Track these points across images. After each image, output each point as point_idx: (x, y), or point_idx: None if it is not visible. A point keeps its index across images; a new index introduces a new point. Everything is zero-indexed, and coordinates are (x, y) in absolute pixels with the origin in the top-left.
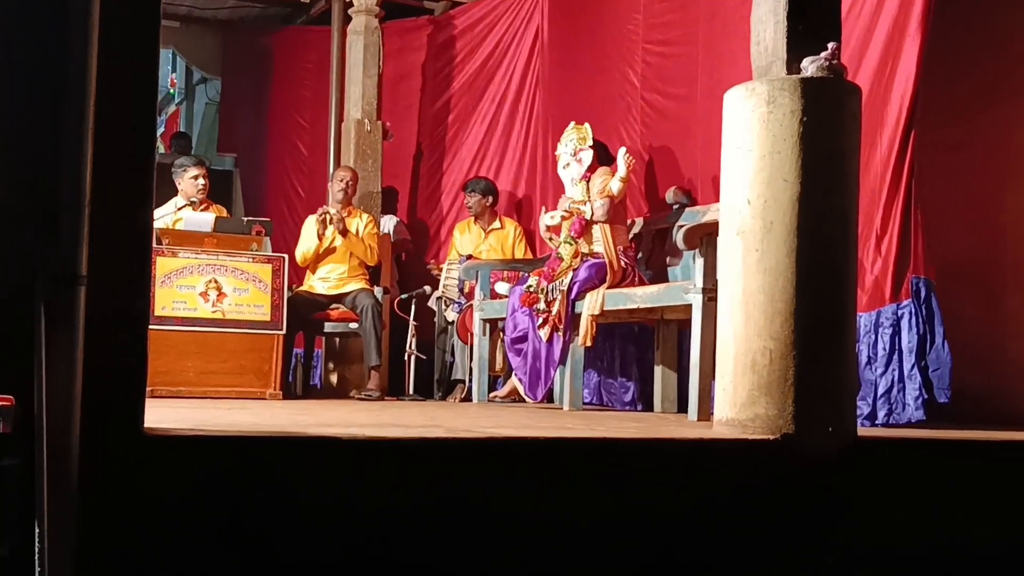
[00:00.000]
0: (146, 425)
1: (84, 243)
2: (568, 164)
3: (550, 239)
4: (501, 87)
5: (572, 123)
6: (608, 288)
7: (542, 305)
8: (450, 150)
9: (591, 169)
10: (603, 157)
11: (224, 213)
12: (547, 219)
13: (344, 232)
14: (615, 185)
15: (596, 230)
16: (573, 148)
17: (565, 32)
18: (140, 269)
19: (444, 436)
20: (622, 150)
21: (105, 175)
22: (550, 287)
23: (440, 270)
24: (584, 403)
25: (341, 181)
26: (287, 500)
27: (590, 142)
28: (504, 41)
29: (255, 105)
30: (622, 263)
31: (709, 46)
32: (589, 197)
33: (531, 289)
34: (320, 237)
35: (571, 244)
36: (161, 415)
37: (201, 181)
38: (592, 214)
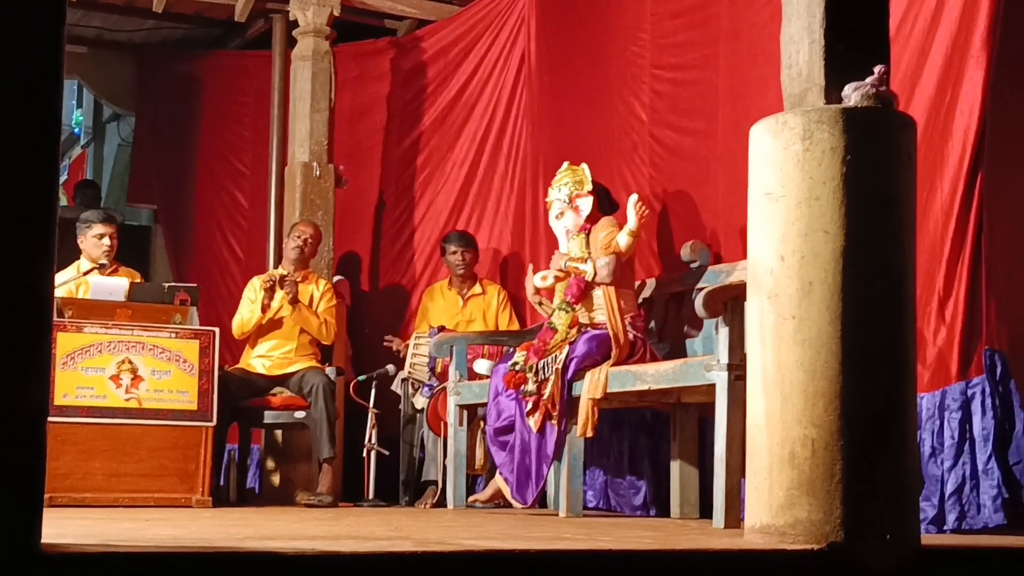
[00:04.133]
0: (43, 540)
1: None
2: (562, 213)
3: (540, 304)
4: (482, 123)
5: (566, 163)
6: (612, 365)
7: (531, 387)
8: (421, 200)
9: (591, 219)
10: (605, 204)
11: (137, 278)
12: (537, 280)
13: (294, 301)
14: (623, 239)
15: (598, 295)
16: (568, 193)
17: (557, 56)
18: (36, 348)
19: (412, 550)
20: (633, 197)
21: None
22: (541, 364)
23: (404, 345)
24: (586, 508)
25: (299, 238)
26: None
27: (588, 186)
28: (484, 67)
29: (179, 147)
30: (629, 335)
31: (732, 71)
32: (589, 253)
33: (517, 367)
34: (264, 308)
35: (567, 311)
36: (62, 528)
37: (107, 241)
38: (594, 274)
